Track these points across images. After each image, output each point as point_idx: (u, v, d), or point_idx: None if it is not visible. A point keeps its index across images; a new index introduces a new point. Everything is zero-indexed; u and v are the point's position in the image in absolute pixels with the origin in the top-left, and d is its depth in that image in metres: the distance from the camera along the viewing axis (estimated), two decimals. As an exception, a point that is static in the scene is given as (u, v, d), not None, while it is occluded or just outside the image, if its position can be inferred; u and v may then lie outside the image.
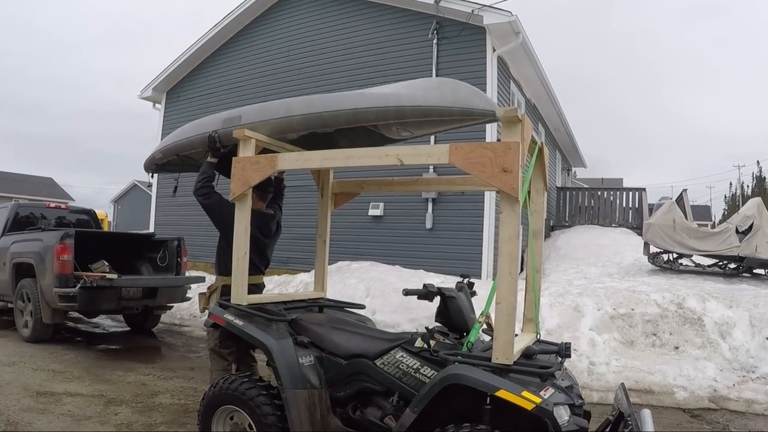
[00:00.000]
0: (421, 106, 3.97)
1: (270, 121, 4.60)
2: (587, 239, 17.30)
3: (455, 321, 4.10)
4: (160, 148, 5.63)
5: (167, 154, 5.57)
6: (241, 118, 4.77)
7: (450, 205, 13.13)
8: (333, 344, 4.31)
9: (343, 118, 4.28)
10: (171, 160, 5.69)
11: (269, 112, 4.67)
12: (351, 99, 4.33)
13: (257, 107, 4.85)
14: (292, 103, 4.62)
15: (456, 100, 3.91)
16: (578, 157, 26.85)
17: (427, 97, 4.00)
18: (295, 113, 4.49)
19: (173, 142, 5.44)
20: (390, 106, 4.08)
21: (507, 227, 3.45)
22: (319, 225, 5.55)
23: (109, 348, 9.26)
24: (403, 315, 9.51)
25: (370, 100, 4.21)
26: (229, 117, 4.93)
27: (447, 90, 4.02)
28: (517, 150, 3.38)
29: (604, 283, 11.25)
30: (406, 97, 4.06)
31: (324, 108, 4.36)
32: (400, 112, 4.06)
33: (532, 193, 4.43)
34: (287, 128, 4.57)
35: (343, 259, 13.15)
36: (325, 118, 4.34)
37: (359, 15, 14.95)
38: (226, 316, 4.51)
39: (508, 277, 3.40)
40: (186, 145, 5.32)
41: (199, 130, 5.15)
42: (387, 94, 4.20)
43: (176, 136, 5.45)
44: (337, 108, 4.29)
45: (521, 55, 13.75)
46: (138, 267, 10.63)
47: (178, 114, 18.46)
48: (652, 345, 8.40)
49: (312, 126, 4.45)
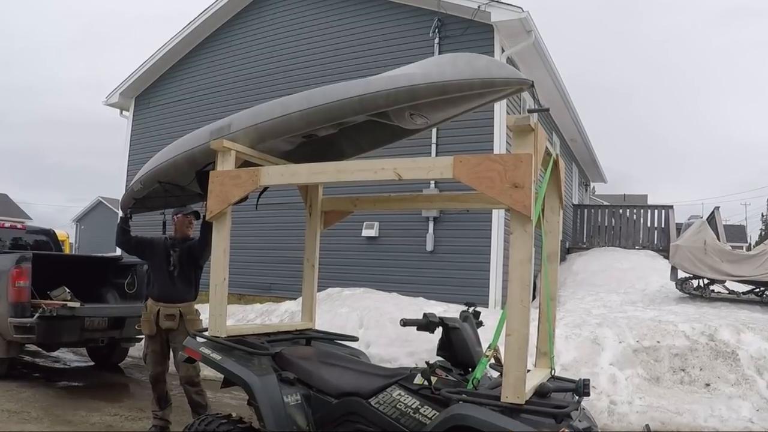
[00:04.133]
0: (437, 82, 3.91)
1: (265, 124, 4.53)
2: (607, 263, 17.30)
3: (459, 355, 4.08)
4: (138, 178, 5.49)
5: (148, 184, 5.42)
6: (231, 126, 4.68)
7: (453, 225, 13.15)
8: (322, 381, 4.30)
9: (349, 108, 4.21)
10: (153, 192, 5.59)
11: (263, 114, 4.60)
12: (356, 87, 4.26)
13: (248, 111, 4.78)
14: (288, 100, 4.54)
15: (475, 71, 3.90)
16: (597, 171, 26.94)
17: (442, 72, 3.99)
18: (293, 110, 4.40)
19: (154, 168, 5.28)
20: (402, 87, 4.02)
21: (518, 250, 3.44)
22: (307, 247, 5.54)
23: (71, 385, 9.21)
24: (401, 348, 9.48)
25: (379, 84, 4.15)
26: (217, 128, 4.80)
27: (462, 63, 4.04)
28: (529, 163, 3.38)
29: (626, 312, 11.23)
30: (419, 75, 4.03)
31: (325, 99, 4.29)
32: (413, 92, 3.99)
33: (546, 211, 4.44)
34: (285, 129, 4.49)
35: (334, 285, 13.08)
36: (327, 110, 4.27)
37: (351, 11, 15.04)
38: (202, 350, 4.49)
39: (519, 306, 3.39)
40: (169, 169, 5.15)
41: (184, 148, 5.00)
42: (397, 75, 4.18)
43: (156, 160, 5.30)
44: (341, 97, 4.23)
45: (533, 56, 13.83)
46: (103, 294, 10.59)
47: (148, 122, 18.51)
48: (680, 382, 8.39)
49: (314, 122, 4.38)
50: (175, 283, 6.85)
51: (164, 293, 6.79)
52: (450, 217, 13.19)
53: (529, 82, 3.99)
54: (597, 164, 25.44)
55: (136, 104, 19.28)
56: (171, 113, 17.74)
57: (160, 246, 7.01)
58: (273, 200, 13.92)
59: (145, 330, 6.82)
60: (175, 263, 6.87)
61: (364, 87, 4.18)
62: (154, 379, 6.86)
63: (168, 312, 6.72)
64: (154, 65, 18.36)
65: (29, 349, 11.04)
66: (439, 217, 13.28)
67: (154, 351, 6.84)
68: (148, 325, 6.77)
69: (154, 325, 6.74)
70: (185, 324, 6.71)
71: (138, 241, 7.04)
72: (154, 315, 6.73)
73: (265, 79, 16.07)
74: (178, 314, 6.75)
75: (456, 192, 5.44)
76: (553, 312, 4.42)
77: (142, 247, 7.07)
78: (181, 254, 6.91)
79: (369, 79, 4.33)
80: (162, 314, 6.72)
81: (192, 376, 6.72)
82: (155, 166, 5.26)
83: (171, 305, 6.76)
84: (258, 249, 15.39)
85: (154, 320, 6.74)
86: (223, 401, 8.14)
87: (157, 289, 6.84)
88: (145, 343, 7.02)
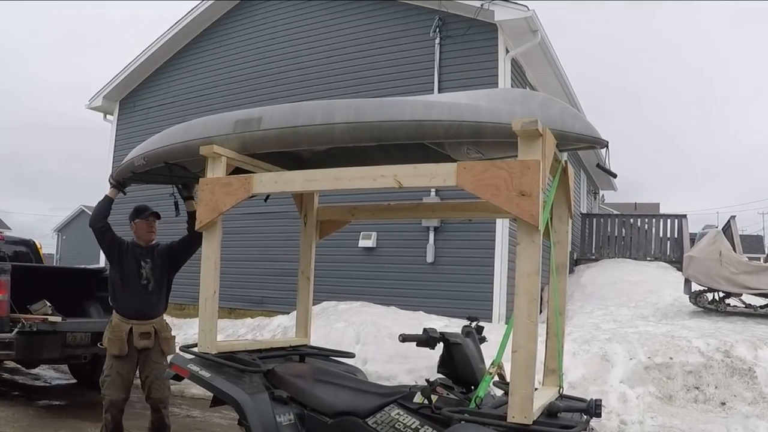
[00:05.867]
0: (506, 124, 3.66)
1: (304, 129, 4.29)
2: (617, 275, 17.29)
3: (461, 372, 4.09)
4: (142, 153, 5.26)
5: (152, 162, 5.18)
6: (261, 121, 4.47)
7: (455, 235, 13.15)
8: (317, 400, 4.30)
9: (403, 131, 4.02)
10: (154, 170, 5.33)
11: (302, 115, 4.34)
12: (414, 108, 4.04)
13: (283, 109, 4.54)
14: (333, 107, 4.31)
15: (547, 119, 3.72)
16: (607, 179, 26.94)
17: (511, 111, 3.79)
18: (338, 121, 4.17)
19: (162, 147, 5.06)
20: (467, 122, 3.83)
21: (525, 261, 3.44)
22: (302, 259, 5.55)
23: (52, 404, 9.20)
24: (400, 365, 9.48)
25: (441, 112, 3.94)
26: (244, 119, 4.60)
27: (535, 105, 3.92)
28: (537, 170, 3.38)
29: (637, 327, 11.23)
30: (487, 112, 3.86)
31: (378, 117, 4.08)
32: (478, 130, 3.84)
33: (555, 220, 4.45)
34: (326, 139, 4.28)
35: (329, 298, 13.07)
36: (379, 129, 4.07)
37: (347, 11, 15.06)
38: (191, 367, 4.49)
39: (526, 321, 3.39)
40: (180, 151, 4.93)
41: (202, 134, 4.77)
42: (461, 106, 3.95)
43: (166, 138, 5.10)
44: (397, 118, 4.02)
45: (539, 57, 13.86)
46: (86, 308, 10.53)
47: (133, 126, 18.50)
48: (694, 400, 8.38)
49: (359, 138, 4.18)
50: (149, 298, 6.39)
51: (137, 309, 6.29)
52: (452, 227, 13.19)
53: (604, 142, 3.92)
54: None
55: (120, 108, 19.27)
56: (157, 117, 17.71)
57: (129, 253, 6.43)
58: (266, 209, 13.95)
59: (114, 350, 6.16)
60: (148, 276, 6.41)
61: (424, 112, 3.98)
62: (115, 407, 6.16)
63: (143, 330, 6.25)
64: (139, 67, 18.34)
65: (8, 366, 11.01)
66: (440, 227, 13.28)
67: (121, 374, 6.18)
68: (118, 345, 6.15)
69: (126, 344, 6.17)
70: (160, 342, 6.36)
71: (113, 236, 6.43)
72: (126, 333, 6.18)
73: (258, 81, 16.07)
74: (153, 332, 6.32)
75: (458, 200, 5.45)
76: (561, 327, 4.43)
77: (115, 244, 6.43)
78: (153, 266, 6.45)
79: (428, 102, 4.13)
80: (136, 333, 6.21)
81: (167, 398, 6.42)
82: (164, 146, 5.06)
83: (145, 322, 6.30)
84: (249, 260, 15.38)
85: (126, 339, 6.17)
86: (212, 421, 8.12)
87: (127, 304, 6.30)
88: (108, 364, 6.25)
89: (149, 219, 6.49)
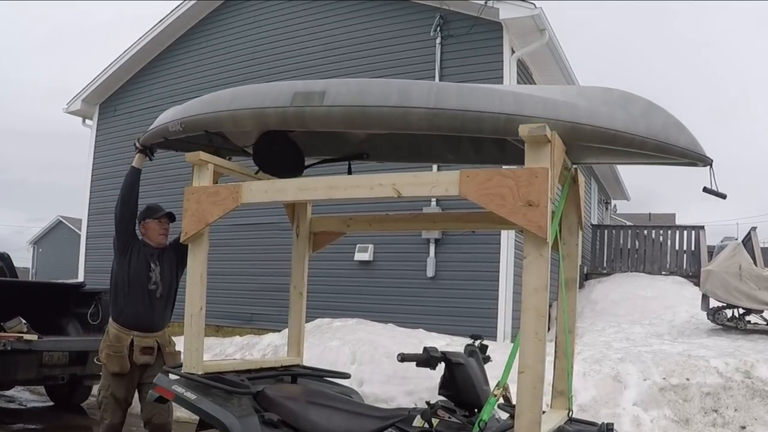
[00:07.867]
0: (607, 129, 3.61)
1: (375, 109, 4.00)
2: (630, 290, 17.29)
3: (464, 394, 4.08)
4: (180, 118, 4.86)
5: (190, 129, 4.80)
6: (325, 96, 4.14)
7: (457, 248, 13.13)
8: (310, 423, 4.29)
9: (490, 124, 3.76)
10: (190, 137, 4.97)
11: (372, 94, 4.04)
12: (503, 100, 3.79)
13: (353, 84, 4.23)
14: (409, 87, 4.04)
15: (650, 129, 3.65)
16: (619, 188, 26.99)
17: (612, 116, 3.68)
18: (415, 105, 3.89)
19: (204, 113, 4.68)
20: (563, 121, 3.65)
21: (533, 276, 3.43)
22: (294, 273, 5.54)
23: (28, 428, 9.17)
24: (399, 386, 9.46)
25: (534, 107, 3.74)
26: (305, 92, 4.25)
27: (637, 111, 3.76)
28: (545, 178, 3.38)
29: (651, 346, 11.23)
30: (584, 111, 3.72)
31: (460, 105, 3.80)
32: (576, 131, 3.68)
33: (564, 232, 4.45)
34: (401, 123, 4.01)
35: (323, 315, 13.01)
36: (462, 120, 3.80)
37: (342, 8, 15.05)
38: (175, 388, 4.48)
39: (534, 339, 3.39)
40: (225, 121, 4.58)
41: (254, 103, 4.43)
42: (557, 103, 3.77)
43: (211, 105, 4.71)
44: (483, 109, 3.76)
45: (547, 57, 13.86)
46: (64, 326, 10.53)
47: (113, 131, 18.49)
48: (712, 424, 8.37)
49: (438, 126, 3.93)
50: (156, 307, 6.01)
51: (142, 319, 5.90)
52: (453, 239, 13.17)
53: (708, 160, 3.81)
54: (619, 179, 25.47)
55: (100, 112, 19.23)
56: (139, 121, 17.62)
57: (140, 251, 6.07)
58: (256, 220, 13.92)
59: (114, 367, 5.80)
60: (157, 281, 5.99)
61: (515, 105, 3.75)
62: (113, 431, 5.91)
63: (145, 344, 5.89)
64: (120, 68, 18.28)
65: (-21, 387, 11.03)
66: (441, 239, 13.26)
67: (120, 395, 5.86)
68: (118, 361, 5.79)
69: (128, 360, 5.81)
70: (164, 358, 5.97)
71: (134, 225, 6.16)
72: (127, 348, 5.80)
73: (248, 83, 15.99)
74: (156, 346, 5.98)
75: (461, 210, 5.45)
76: (571, 346, 4.43)
77: (132, 236, 6.13)
78: (162, 270, 6.06)
79: (518, 94, 3.89)
80: (138, 347, 5.84)
81: (170, 423, 6.02)
82: (206, 112, 4.69)
83: (149, 335, 5.94)
84: (238, 275, 15.35)
85: (128, 354, 5.80)
86: (198, 446, 8.10)
87: (130, 311, 5.89)
88: (105, 383, 5.95)
89: (162, 220, 6.25)
